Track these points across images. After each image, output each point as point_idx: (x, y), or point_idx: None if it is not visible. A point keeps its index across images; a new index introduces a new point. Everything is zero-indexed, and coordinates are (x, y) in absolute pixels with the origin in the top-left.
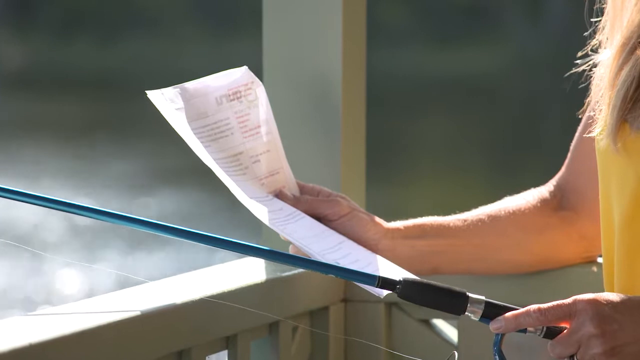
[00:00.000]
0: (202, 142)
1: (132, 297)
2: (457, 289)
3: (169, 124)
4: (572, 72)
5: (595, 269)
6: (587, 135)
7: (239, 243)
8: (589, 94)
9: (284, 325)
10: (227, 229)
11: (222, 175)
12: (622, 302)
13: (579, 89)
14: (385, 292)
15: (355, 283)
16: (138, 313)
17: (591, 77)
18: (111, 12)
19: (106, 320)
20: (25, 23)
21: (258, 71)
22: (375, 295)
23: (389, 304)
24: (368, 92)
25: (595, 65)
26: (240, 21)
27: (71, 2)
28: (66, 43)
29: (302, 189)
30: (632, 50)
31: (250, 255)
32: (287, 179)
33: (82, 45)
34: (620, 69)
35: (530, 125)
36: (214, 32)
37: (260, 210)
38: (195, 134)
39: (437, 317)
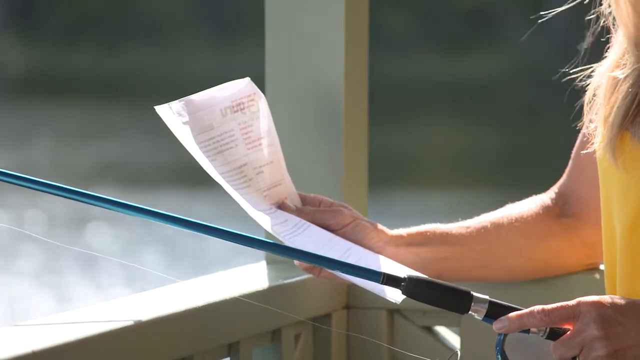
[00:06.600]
0: (209, 156)
1: (134, 304)
2: (462, 287)
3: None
4: (572, 77)
5: (597, 276)
6: (586, 151)
7: (240, 235)
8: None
9: (286, 332)
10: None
11: (229, 188)
12: (626, 305)
13: (581, 95)
14: (389, 293)
15: (360, 287)
16: (140, 320)
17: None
18: (114, 19)
19: (108, 327)
20: (29, 29)
21: (260, 80)
22: (376, 302)
23: (391, 311)
24: (370, 99)
25: (589, 79)
26: (243, 29)
27: (74, 9)
28: (69, 50)
29: (303, 200)
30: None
31: (254, 248)
32: (289, 191)
33: (85, 52)
34: (618, 85)
35: (532, 130)
36: (216, 40)
37: (268, 223)
38: (202, 147)
39: (440, 324)
